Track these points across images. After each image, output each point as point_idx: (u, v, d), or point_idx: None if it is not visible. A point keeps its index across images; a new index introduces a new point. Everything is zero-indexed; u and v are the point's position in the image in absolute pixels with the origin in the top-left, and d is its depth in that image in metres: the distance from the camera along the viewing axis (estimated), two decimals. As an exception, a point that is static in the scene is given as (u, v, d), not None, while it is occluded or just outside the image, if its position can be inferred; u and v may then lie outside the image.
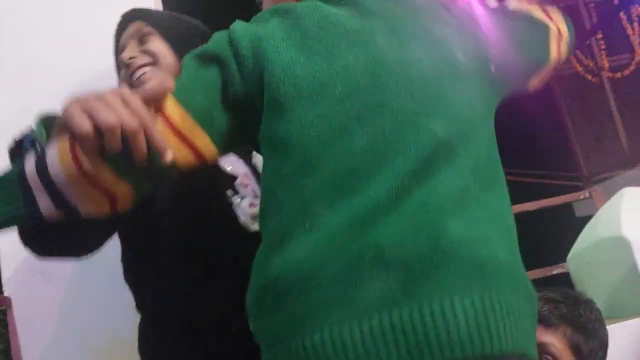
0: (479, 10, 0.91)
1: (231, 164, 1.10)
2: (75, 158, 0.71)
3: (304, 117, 0.75)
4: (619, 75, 5.54)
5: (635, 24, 5.81)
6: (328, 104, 0.75)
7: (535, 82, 1.00)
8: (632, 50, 5.71)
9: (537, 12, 0.99)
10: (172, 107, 0.76)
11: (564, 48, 1.01)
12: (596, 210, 1.86)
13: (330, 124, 0.74)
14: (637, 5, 5.74)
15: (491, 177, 0.78)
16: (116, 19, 1.19)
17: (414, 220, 0.68)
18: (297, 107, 0.75)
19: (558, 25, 1.00)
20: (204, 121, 0.78)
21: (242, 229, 1.04)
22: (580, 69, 5.62)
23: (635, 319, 1.49)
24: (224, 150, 0.82)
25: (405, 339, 0.63)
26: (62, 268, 1.41)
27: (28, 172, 0.72)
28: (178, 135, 0.76)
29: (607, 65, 5.43)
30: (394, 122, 0.74)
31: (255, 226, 1.03)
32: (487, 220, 0.72)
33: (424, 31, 0.83)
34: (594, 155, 5.36)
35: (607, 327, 1.23)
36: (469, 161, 0.75)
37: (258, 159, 1.15)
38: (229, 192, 1.07)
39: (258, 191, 1.07)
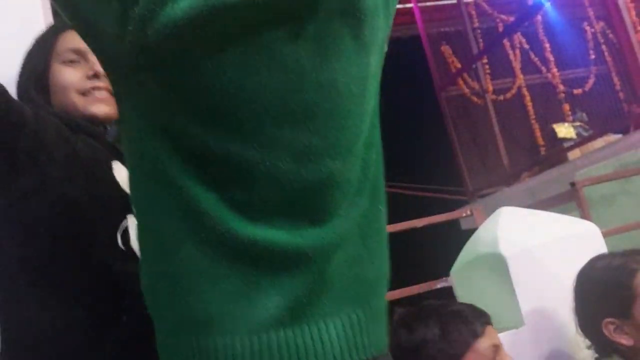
0: None
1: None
2: None
3: None
4: (501, 98, 5.92)
5: (517, 51, 6.24)
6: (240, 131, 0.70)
7: None
8: (513, 75, 6.13)
9: None
10: None
11: None
12: (478, 225, 1.96)
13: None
14: (519, 34, 6.17)
15: (367, 190, 0.80)
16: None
17: (309, 260, 0.73)
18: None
19: None
20: None
21: (130, 250, 1.00)
22: (466, 90, 5.96)
23: (511, 331, 1.58)
24: None
25: (289, 355, 0.72)
26: None
27: None
28: None
29: (491, 88, 5.78)
30: (295, 162, 0.71)
31: None
32: (360, 243, 0.79)
33: (352, 35, 0.72)
34: (478, 172, 5.68)
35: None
36: (351, 186, 0.77)
37: None
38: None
39: None
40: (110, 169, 1.04)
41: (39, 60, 1.11)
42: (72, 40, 1.11)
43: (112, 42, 0.69)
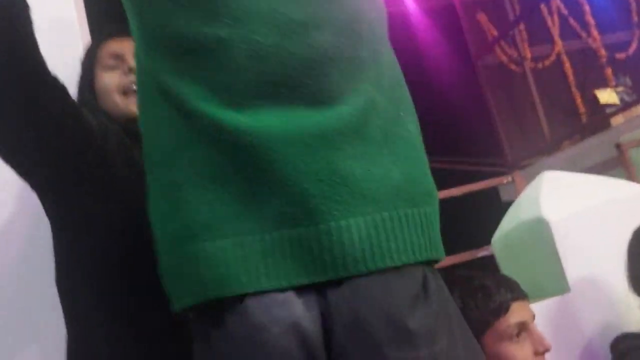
0: None
1: None
2: None
3: None
4: (540, 65, 5.77)
5: (555, 16, 6.06)
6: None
7: None
8: (552, 42, 5.96)
9: None
10: None
11: None
12: (519, 194, 1.93)
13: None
14: (556, -2, 5.99)
15: (399, 100, 0.77)
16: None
17: (310, 148, 0.69)
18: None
19: None
20: None
21: None
22: (504, 58, 5.82)
23: (554, 298, 1.55)
24: None
25: (302, 254, 0.68)
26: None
27: None
28: None
29: (529, 55, 5.64)
30: (278, 36, 0.68)
31: None
32: (381, 143, 0.73)
33: None
34: (517, 142, 5.57)
35: (530, 306, 1.27)
36: (356, 68, 0.72)
37: None
38: None
39: None
40: None
41: (86, 69, 1.18)
42: (111, 46, 1.18)
43: None
